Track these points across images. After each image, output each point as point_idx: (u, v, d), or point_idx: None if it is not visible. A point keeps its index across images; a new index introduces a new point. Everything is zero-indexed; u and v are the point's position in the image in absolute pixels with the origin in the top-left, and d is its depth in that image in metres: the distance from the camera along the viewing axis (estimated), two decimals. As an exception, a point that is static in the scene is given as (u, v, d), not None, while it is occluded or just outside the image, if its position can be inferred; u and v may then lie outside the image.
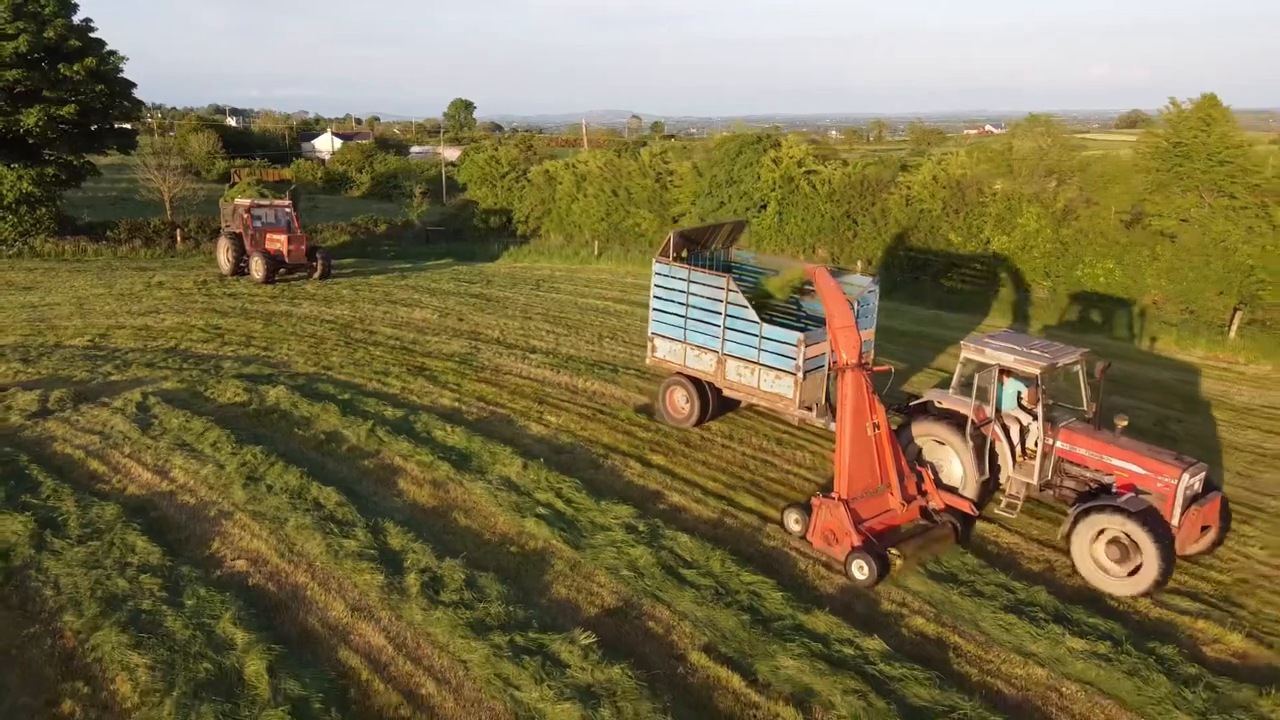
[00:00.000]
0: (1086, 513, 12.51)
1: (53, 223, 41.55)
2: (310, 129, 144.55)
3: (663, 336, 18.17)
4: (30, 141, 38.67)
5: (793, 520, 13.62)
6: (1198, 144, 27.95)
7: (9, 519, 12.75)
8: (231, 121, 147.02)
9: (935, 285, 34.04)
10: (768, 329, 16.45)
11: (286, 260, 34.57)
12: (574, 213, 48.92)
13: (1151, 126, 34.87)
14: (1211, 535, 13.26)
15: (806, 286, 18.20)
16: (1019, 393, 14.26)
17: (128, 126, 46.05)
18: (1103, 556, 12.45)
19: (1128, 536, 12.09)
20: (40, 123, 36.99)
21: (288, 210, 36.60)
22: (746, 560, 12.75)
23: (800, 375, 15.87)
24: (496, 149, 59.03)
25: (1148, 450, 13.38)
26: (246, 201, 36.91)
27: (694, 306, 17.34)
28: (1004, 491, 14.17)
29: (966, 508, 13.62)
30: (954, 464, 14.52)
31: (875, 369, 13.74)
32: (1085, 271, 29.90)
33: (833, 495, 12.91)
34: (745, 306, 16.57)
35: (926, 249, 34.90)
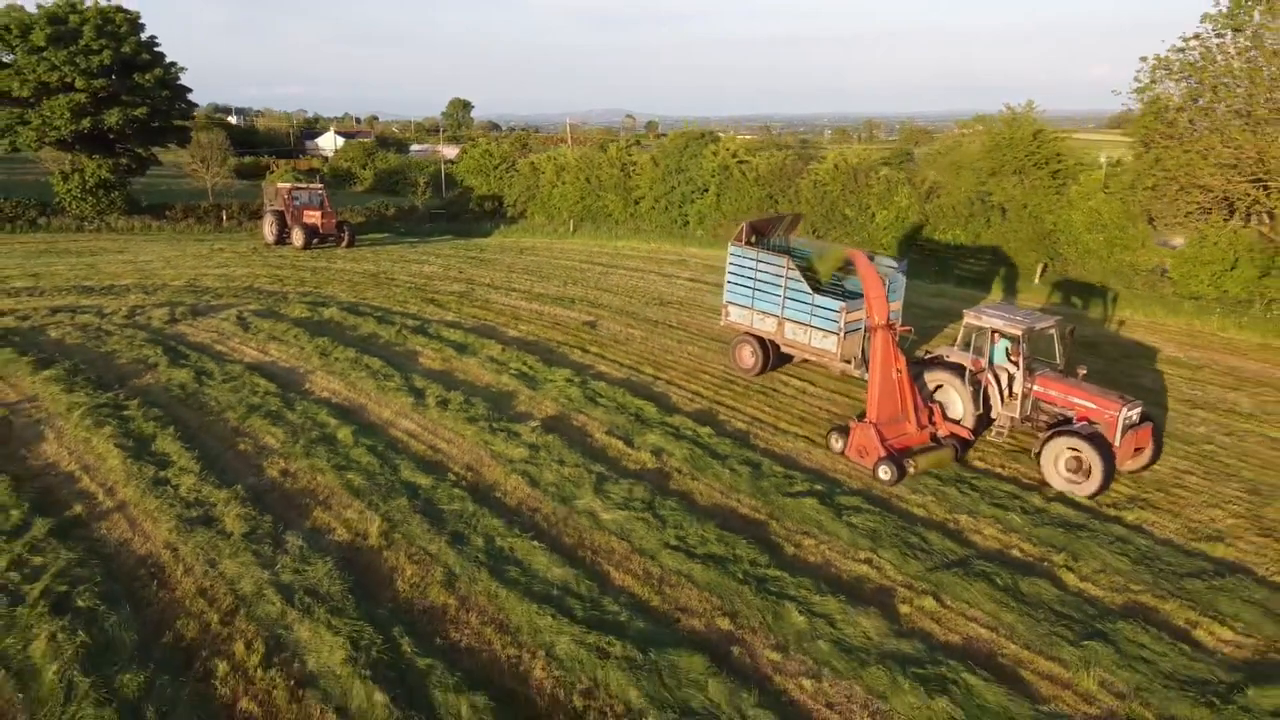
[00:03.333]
0: (1052, 437, 15.35)
1: (124, 203, 47.46)
2: (312, 128, 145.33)
3: (734, 304, 21.05)
4: (110, 136, 44.62)
5: (834, 440, 16.45)
6: (1017, 139, 34.48)
7: (177, 371, 19.15)
8: (233, 120, 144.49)
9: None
10: (818, 299, 19.30)
11: (320, 231, 40.76)
12: (554, 198, 54.85)
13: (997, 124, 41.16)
14: (1145, 455, 16.01)
15: (847, 266, 20.45)
16: (1006, 349, 16.69)
17: (186, 124, 51.88)
18: (1063, 468, 15.24)
19: (1081, 453, 14.95)
20: (119, 122, 43.02)
21: (320, 192, 42.81)
22: (638, 395, 19.19)
23: (842, 335, 18.88)
24: (490, 144, 64.98)
25: (1099, 391, 16.00)
26: (287, 185, 43.13)
27: (760, 281, 20.24)
28: (994, 423, 17.00)
29: (965, 434, 16.56)
30: (956, 403, 17.15)
31: (899, 330, 16.49)
32: (941, 236, 36.34)
33: (865, 420, 15.94)
34: (800, 281, 19.42)
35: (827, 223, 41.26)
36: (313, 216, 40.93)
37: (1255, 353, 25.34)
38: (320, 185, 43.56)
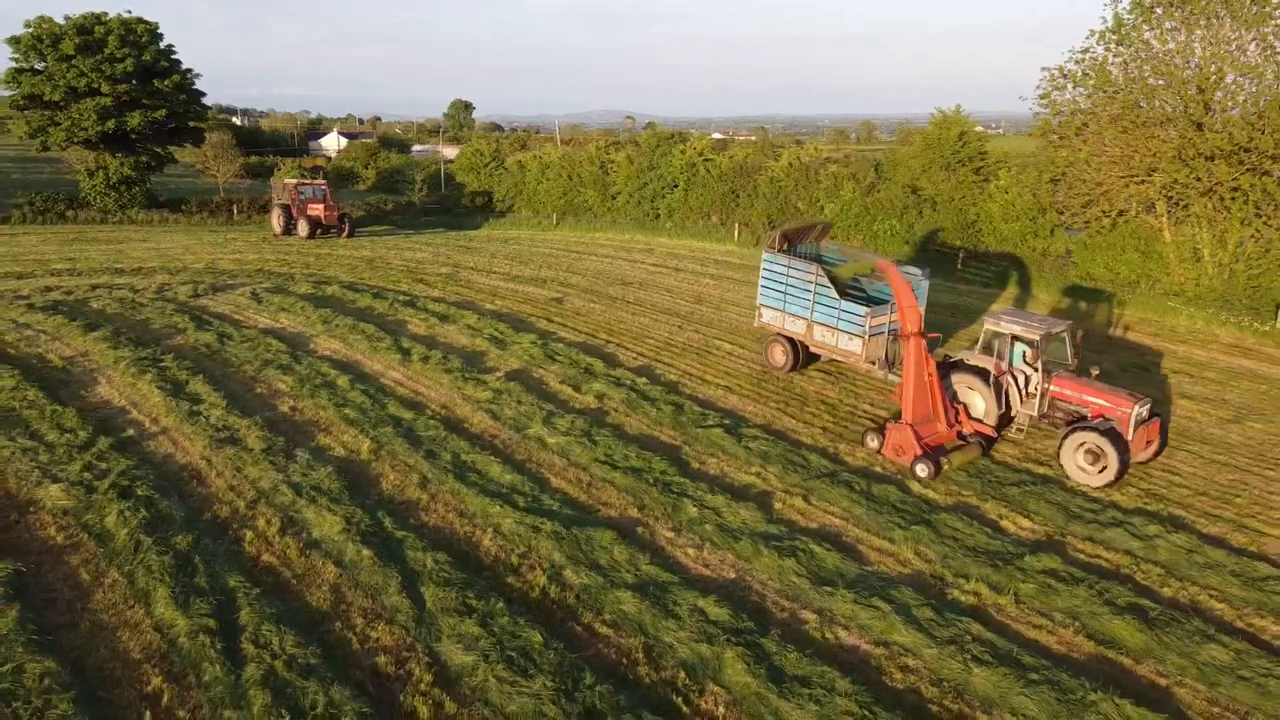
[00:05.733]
0: (1071, 432, 15.85)
1: (143, 198, 49.95)
2: (316, 128, 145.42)
3: (767, 307, 21.39)
4: (132, 137, 47.13)
5: (870, 439, 16.81)
6: (945, 139, 37.33)
7: (202, 334, 21.89)
8: (237, 121, 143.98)
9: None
10: (844, 304, 19.76)
11: (323, 222, 43.39)
12: (539, 193, 57.36)
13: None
14: (1153, 447, 16.75)
15: (873, 275, 20.95)
16: (1024, 352, 17.15)
17: (201, 126, 54.34)
18: (1081, 461, 15.73)
19: (1098, 447, 15.46)
20: (140, 123, 45.54)
21: (323, 187, 45.42)
22: (590, 354, 21.95)
23: (866, 338, 19.38)
24: (481, 144, 67.53)
25: (1111, 390, 16.57)
26: (294, 181, 45.77)
27: (791, 286, 20.68)
28: (1014, 421, 17.55)
29: (989, 432, 17.13)
30: (978, 403, 17.51)
31: (928, 335, 16.75)
32: (879, 226, 39.16)
33: (901, 421, 16.40)
34: (829, 287, 19.84)
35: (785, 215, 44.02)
36: (316, 209, 43.54)
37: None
38: (323, 181, 46.17)
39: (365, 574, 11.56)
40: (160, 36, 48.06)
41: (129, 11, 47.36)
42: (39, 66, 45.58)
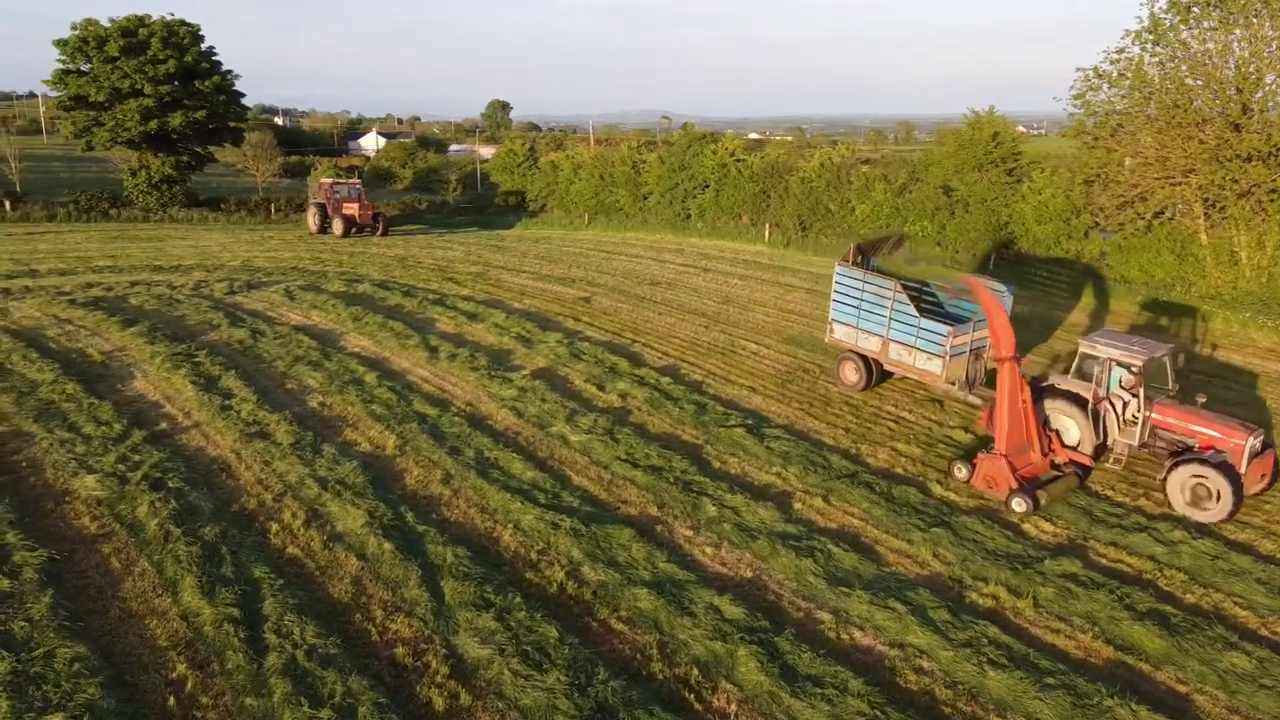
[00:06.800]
0: (1180, 464, 14.76)
1: (184, 197, 50.92)
2: (355, 128, 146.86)
3: (840, 322, 20.39)
4: (173, 137, 48.08)
5: (957, 469, 15.77)
6: (978, 140, 36.95)
7: (236, 330, 22.31)
8: (279, 121, 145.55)
9: (818, 238, 42.99)
10: (924, 322, 18.80)
11: (357, 221, 43.95)
12: (572, 193, 57.57)
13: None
14: (1266, 480, 15.58)
15: (959, 289, 19.81)
16: (1121, 377, 16.05)
17: (240, 126, 55.31)
18: (1190, 495, 14.66)
19: (1209, 482, 14.45)
20: (181, 123, 46.45)
21: (358, 186, 46.02)
22: (616, 353, 22.06)
23: (947, 358, 18.40)
24: (514, 144, 67.90)
25: (1222, 419, 15.50)
26: (329, 180, 46.44)
27: (866, 301, 19.70)
28: (1112, 450, 16.37)
29: (1085, 461, 15.95)
30: (1072, 430, 16.26)
31: (1021, 358, 15.84)
32: (911, 227, 38.84)
33: (994, 451, 15.23)
34: (907, 304, 18.96)
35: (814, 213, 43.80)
36: (351, 208, 44.10)
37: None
38: (358, 180, 46.79)
39: (386, 567, 11.76)
40: (201, 38, 48.98)
41: (171, 14, 48.36)
42: (84, 68, 46.68)
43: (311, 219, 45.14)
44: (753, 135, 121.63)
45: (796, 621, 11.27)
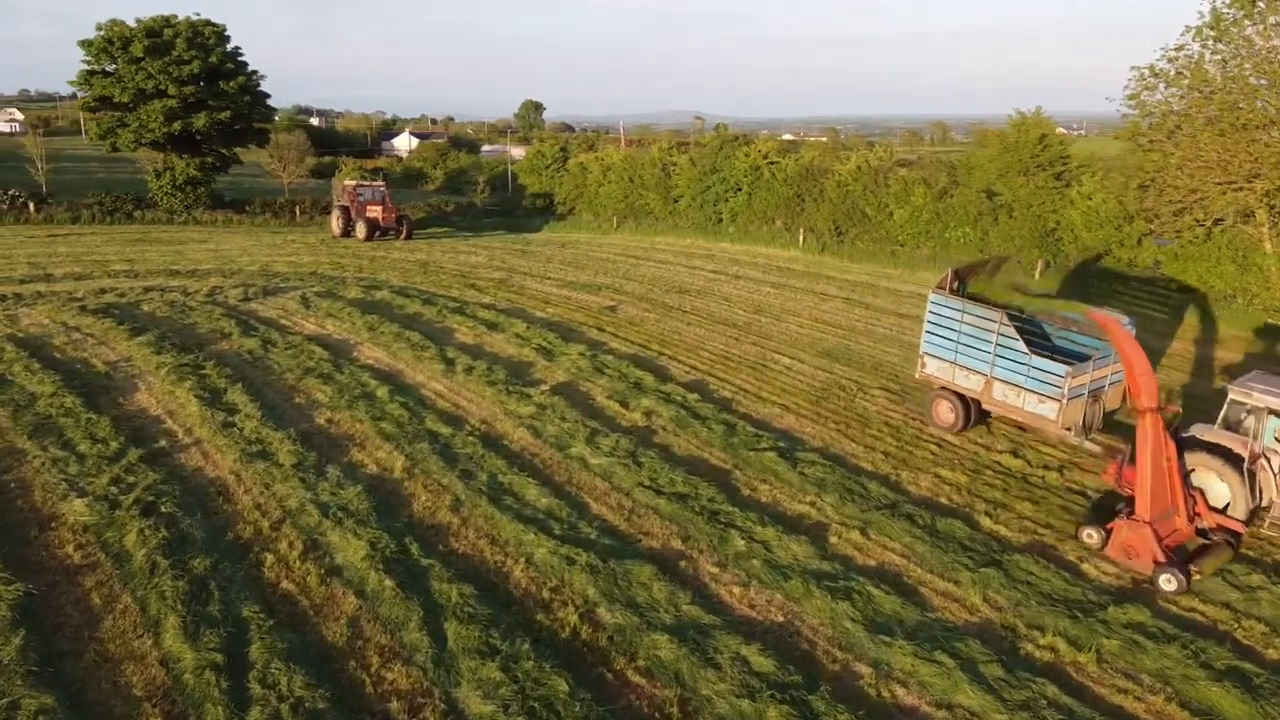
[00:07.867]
0: None
1: (208, 199, 50.80)
2: (389, 129, 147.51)
3: (933, 356, 18.41)
4: (197, 138, 47.95)
5: (1087, 535, 13.83)
6: (1024, 142, 35.60)
7: (247, 339, 21.69)
8: (315, 121, 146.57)
9: (854, 244, 41.85)
10: (1036, 360, 16.68)
11: (381, 224, 43.47)
12: (600, 196, 56.78)
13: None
14: None
15: (1085, 326, 17.60)
16: (1276, 428, 14.13)
17: (266, 127, 55.17)
18: None
19: None
20: (206, 125, 46.26)
21: (382, 189, 45.59)
22: (641, 367, 21.17)
23: (1064, 402, 16.23)
24: (542, 145, 67.29)
25: None
26: (353, 183, 46.04)
27: (965, 334, 17.67)
28: (1268, 513, 14.08)
29: (1238, 528, 13.79)
30: (1220, 489, 14.15)
31: (1169, 410, 14.46)
32: (952, 233, 37.61)
33: (1135, 517, 13.25)
34: (1015, 339, 16.85)
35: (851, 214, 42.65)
36: (374, 211, 43.64)
37: None
38: (382, 183, 46.39)
39: (386, 606, 10.96)
40: (227, 38, 48.82)
41: (197, 14, 48.25)
42: (109, 69, 46.66)
43: (335, 222, 44.76)
44: (787, 136, 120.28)
45: (832, 675, 10.32)
